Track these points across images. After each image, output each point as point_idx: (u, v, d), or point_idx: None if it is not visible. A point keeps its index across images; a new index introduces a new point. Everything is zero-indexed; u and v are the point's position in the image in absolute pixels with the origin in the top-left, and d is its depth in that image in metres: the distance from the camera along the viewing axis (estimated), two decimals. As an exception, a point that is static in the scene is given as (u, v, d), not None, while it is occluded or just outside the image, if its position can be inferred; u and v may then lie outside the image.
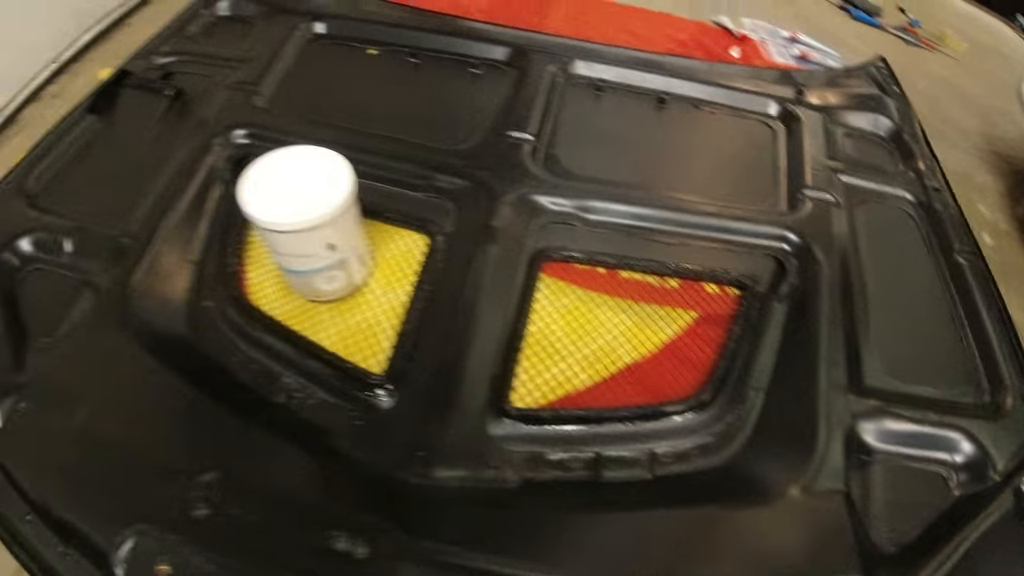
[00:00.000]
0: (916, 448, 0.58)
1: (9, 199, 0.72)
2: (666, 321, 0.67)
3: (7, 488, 0.50)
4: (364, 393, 0.58)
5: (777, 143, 0.90)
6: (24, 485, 0.50)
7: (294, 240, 0.55)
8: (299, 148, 0.59)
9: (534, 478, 0.55)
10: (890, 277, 0.74)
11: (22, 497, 0.50)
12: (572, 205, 0.73)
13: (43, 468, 0.51)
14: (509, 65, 0.94)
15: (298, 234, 0.54)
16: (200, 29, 0.98)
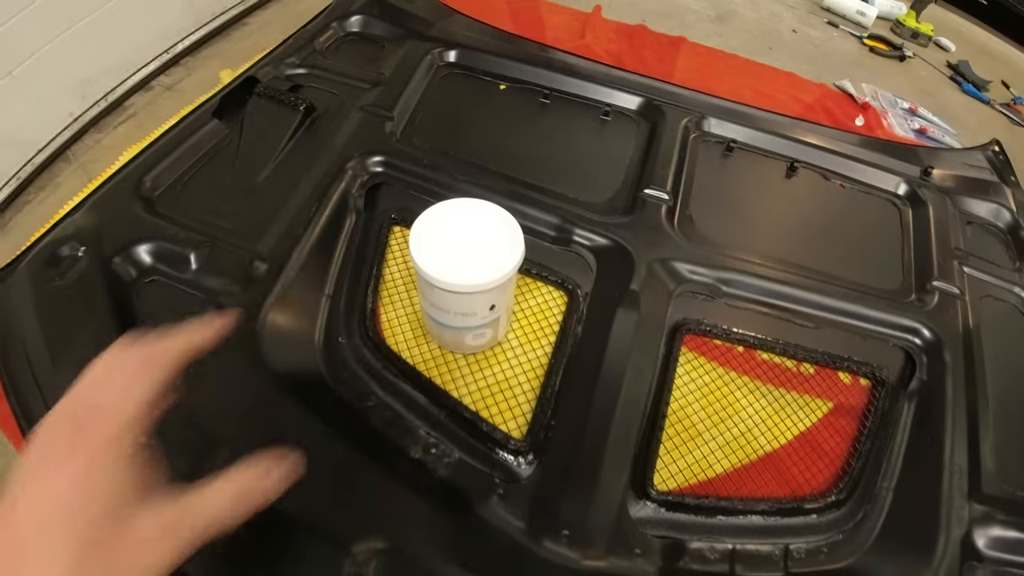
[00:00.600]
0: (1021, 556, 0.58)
1: (125, 200, 0.71)
2: (804, 410, 0.65)
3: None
4: (505, 459, 0.57)
5: (904, 225, 0.88)
6: None
7: (461, 300, 0.54)
8: (470, 201, 0.58)
9: (673, 568, 0.54)
10: (1007, 379, 0.72)
11: None
12: (711, 276, 0.71)
13: None
14: (641, 115, 0.93)
15: (469, 295, 0.53)
16: (329, 43, 0.98)
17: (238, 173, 0.77)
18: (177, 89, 1.13)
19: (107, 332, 0.60)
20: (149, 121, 1.08)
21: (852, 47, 1.40)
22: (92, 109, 1.12)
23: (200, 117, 0.82)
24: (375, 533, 0.48)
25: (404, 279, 0.68)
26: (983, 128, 1.26)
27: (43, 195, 1.02)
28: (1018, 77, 1.50)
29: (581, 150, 0.86)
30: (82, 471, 0.28)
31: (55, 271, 0.65)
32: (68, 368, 0.57)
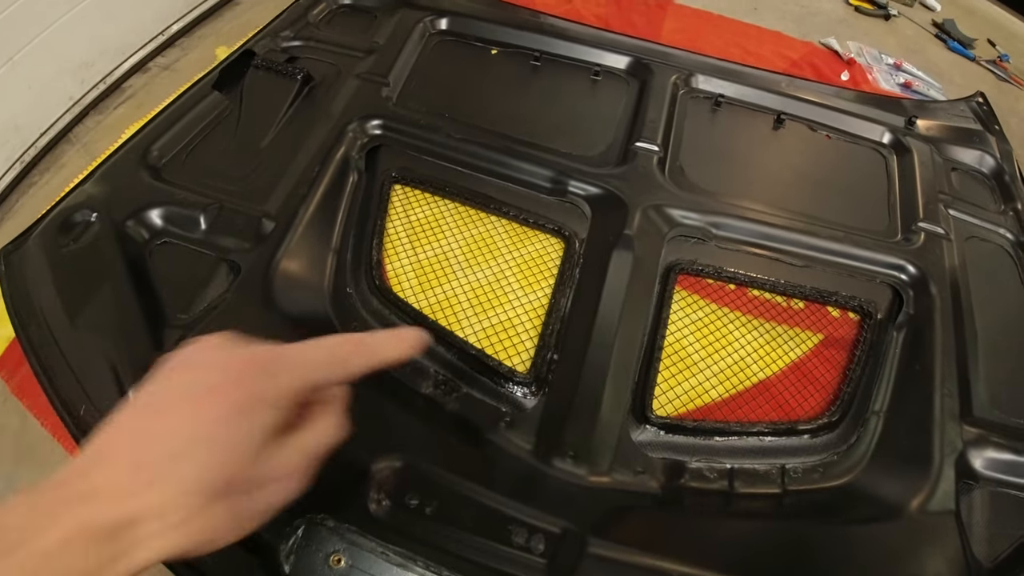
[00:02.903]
0: (1017, 477, 0.61)
1: (132, 169, 0.74)
2: (795, 342, 0.68)
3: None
4: (511, 392, 0.59)
5: (890, 172, 0.90)
6: None
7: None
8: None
9: (674, 485, 0.57)
10: (993, 314, 0.75)
11: None
12: (703, 220, 0.74)
13: None
14: (630, 74, 0.95)
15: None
16: (322, 16, 1.00)
17: (240, 140, 0.79)
18: (174, 69, 1.15)
19: (123, 291, 0.62)
20: (148, 101, 1.10)
21: (837, 7, 1.42)
22: (92, 92, 1.14)
23: (200, 90, 0.84)
24: (392, 454, 0.50)
25: (407, 232, 0.71)
26: (969, 84, 1.28)
27: (48, 176, 1.04)
28: (1004, 35, 1.52)
29: (573, 109, 0.88)
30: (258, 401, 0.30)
31: (69, 236, 0.67)
32: (86, 327, 0.59)
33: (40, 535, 0.24)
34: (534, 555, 0.47)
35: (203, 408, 0.29)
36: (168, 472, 0.27)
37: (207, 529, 0.28)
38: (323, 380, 0.33)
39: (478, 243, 0.70)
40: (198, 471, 0.27)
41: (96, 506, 0.25)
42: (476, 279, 0.67)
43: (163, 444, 0.28)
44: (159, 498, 0.26)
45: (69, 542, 0.24)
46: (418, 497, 0.49)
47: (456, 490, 0.50)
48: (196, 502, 0.27)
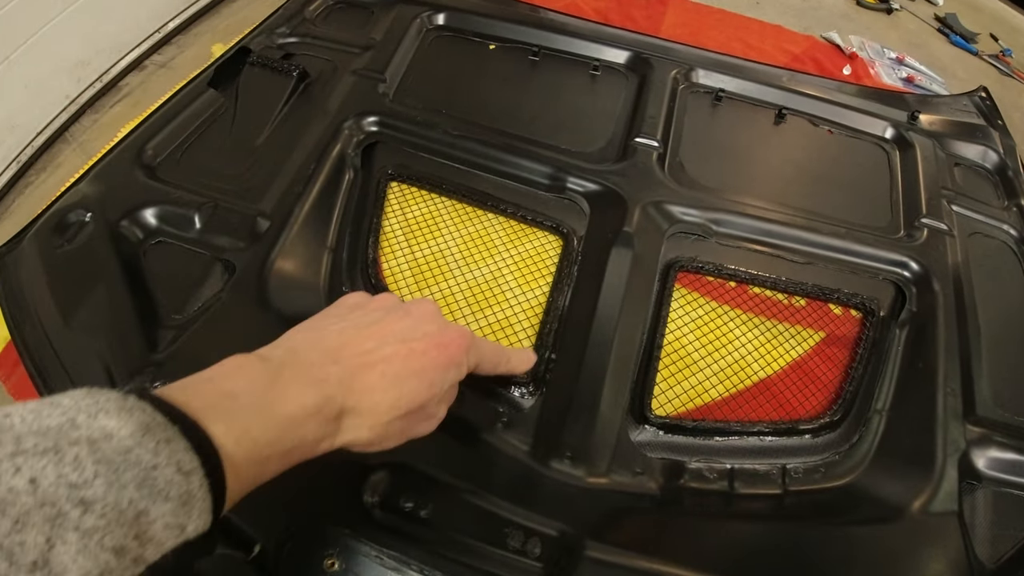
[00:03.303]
0: (1021, 477, 0.60)
1: (126, 168, 0.73)
2: (796, 340, 0.67)
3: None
4: (508, 392, 0.59)
5: (892, 167, 0.89)
6: None
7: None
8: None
9: (674, 486, 0.56)
10: (997, 311, 0.74)
11: None
12: (703, 216, 0.73)
13: None
14: (630, 69, 0.94)
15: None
16: (318, 12, 0.99)
17: (236, 138, 0.79)
18: (170, 67, 1.14)
19: (117, 292, 0.62)
20: (144, 99, 1.09)
21: (839, 0, 1.41)
22: (88, 90, 1.13)
23: (195, 88, 0.84)
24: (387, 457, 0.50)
25: (403, 230, 0.70)
26: (972, 79, 1.28)
27: (44, 176, 1.04)
28: (1007, 30, 1.51)
29: (572, 104, 0.87)
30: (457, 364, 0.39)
31: (63, 237, 0.67)
32: (80, 328, 0.59)
33: (283, 404, 0.29)
34: (530, 559, 0.46)
35: (428, 353, 0.36)
36: (385, 386, 0.34)
37: (383, 436, 0.36)
38: (485, 369, 0.44)
39: (475, 241, 0.70)
40: (404, 395, 0.35)
41: (330, 392, 0.32)
42: (473, 277, 0.67)
43: (388, 364, 0.35)
44: (371, 403, 0.34)
45: (308, 416, 0.30)
46: (413, 500, 0.48)
47: (451, 492, 0.49)
48: (390, 416, 0.35)
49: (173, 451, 0.23)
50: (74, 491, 0.20)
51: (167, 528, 0.22)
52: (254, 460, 0.27)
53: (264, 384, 0.30)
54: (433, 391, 0.37)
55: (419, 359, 0.36)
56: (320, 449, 0.32)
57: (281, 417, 0.29)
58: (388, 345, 0.35)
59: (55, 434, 0.21)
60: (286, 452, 0.30)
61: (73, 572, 0.19)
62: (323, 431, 0.31)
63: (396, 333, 0.36)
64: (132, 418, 0.23)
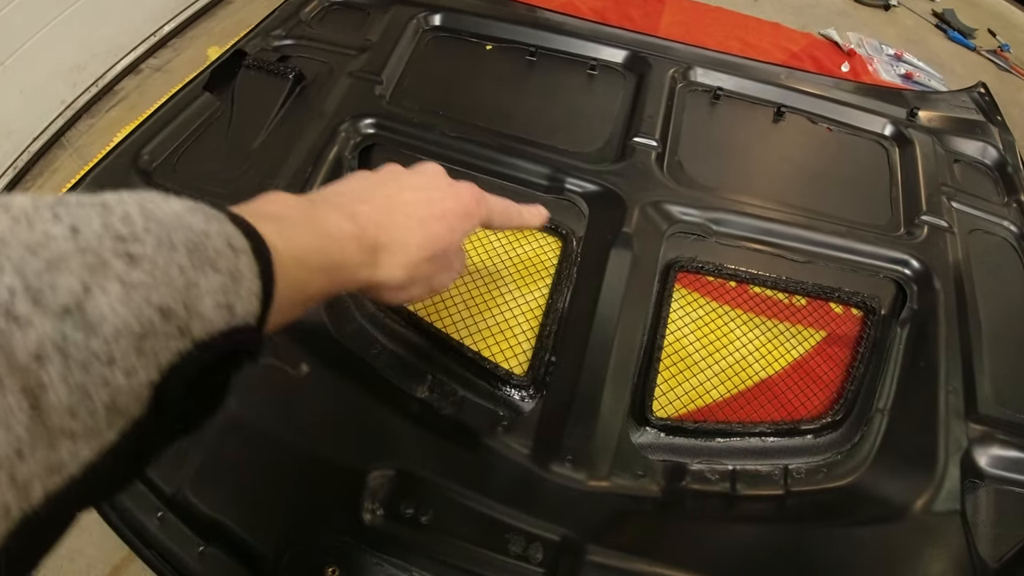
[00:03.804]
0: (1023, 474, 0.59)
1: (123, 173, 0.73)
2: (797, 339, 0.67)
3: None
4: (508, 395, 0.58)
5: (892, 164, 0.89)
6: (155, 479, 0.49)
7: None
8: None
9: (676, 488, 0.56)
10: (998, 308, 0.74)
11: (152, 491, 0.48)
12: (702, 216, 0.73)
13: (179, 459, 0.50)
14: (628, 68, 0.94)
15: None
16: (313, 14, 0.99)
17: (232, 142, 0.78)
18: (166, 70, 1.14)
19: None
20: (140, 103, 1.09)
21: (836, -2, 1.41)
22: (84, 95, 1.13)
23: (191, 91, 0.83)
24: (386, 462, 0.50)
25: (401, 233, 0.70)
26: (970, 74, 1.27)
27: (41, 181, 1.03)
28: (1004, 25, 1.51)
29: (570, 104, 0.87)
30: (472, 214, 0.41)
31: (59, 243, 0.66)
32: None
33: (324, 223, 0.31)
34: (532, 564, 0.46)
35: (446, 201, 0.39)
36: (412, 227, 0.36)
37: (413, 278, 0.37)
38: (497, 223, 0.45)
39: (473, 243, 0.69)
40: (430, 235, 0.37)
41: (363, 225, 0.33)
42: (472, 280, 0.66)
43: (412, 208, 0.37)
44: (402, 241, 0.35)
45: (347, 238, 0.32)
46: (413, 506, 0.48)
47: (452, 498, 0.49)
48: (420, 255, 0.36)
49: (224, 227, 0.22)
50: (120, 244, 0.19)
51: (216, 306, 0.21)
52: (301, 263, 0.27)
53: (304, 209, 0.31)
54: (454, 236, 0.39)
55: (439, 204, 0.38)
56: (361, 276, 0.33)
57: (324, 231, 0.30)
58: (407, 192, 0.38)
59: (102, 198, 0.20)
60: (330, 267, 0.30)
61: (111, 322, 0.17)
62: (361, 258, 0.33)
63: (412, 184, 0.39)
64: (183, 203, 0.22)
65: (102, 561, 0.70)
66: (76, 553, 0.71)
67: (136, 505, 0.48)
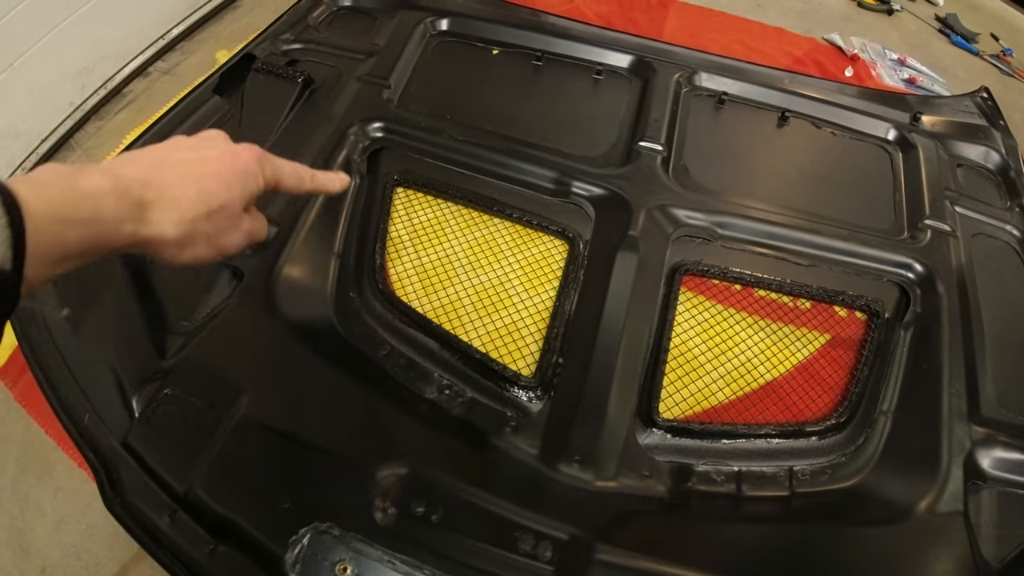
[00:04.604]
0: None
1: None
2: (802, 342, 0.67)
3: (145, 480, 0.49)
4: (516, 396, 0.59)
5: (895, 169, 0.89)
6: (166, 477, 0.49)
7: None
8: None
9: (682, 488, 0.56)
10: (1001, 312, 0.74)
11: (163, 490, 0.49)
12: (707, 220, 0.73)
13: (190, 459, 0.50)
14: (633, 73, 0.94)
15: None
16: (322, 18, 0.99)
17: (242, 144, 0.79)
18: (174, 73, 1.14)
19: (126, 299, 0.62)
20: (149, 105, 1.10)
21: (840, 2, 1.42)
22: (92, 97, 1.14)
23: (201, 94, 0.84)
24: (397, 461, 0.50)
25: (410, 235, 0.71)
26: (973, 79, 1.28)
27: (50, 182, 1.04)
28: (1007, 29, 1.52)
29: (575, 108, 0.88)
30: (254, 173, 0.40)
31: (71, 244, 0.66)
32: (88, 335, 0.59)
33: (80, 182, 0.31)
34: (541, 562, 0.46)
35: (222, 159, 0.38)
36: (184, 184, 0.36)
37: (191, 235, 0.37)
38: (286, 185, 0.44)
39: (481, 246, 0.70)
40: (203, 191, 0.36)
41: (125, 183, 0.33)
42: (480, 282, 0.67)
43: (183, 167, 0.37)
44: (172, 197, 0.35)
45: (104, 193, 0.32)
46: (423, 504, 0.48)
47: (462, 497, 0.50)
48: (194, 211, 0.36)
49: None
50: None
51: None
52: (54, 217, 0.29)
53: (66, 173, 0.32)
54: (233, 193, 0.38)
55: (212, 163, 0.38)
56: (124, 232, 0.33)
57: (78, 189, 0.31)
58: (180, 152, 0.38)
59: None
60: (87, 220, 0.31)
61: None
62: (121, 213, 0.33)
63: (186, 145, 0.39)
64: None
65: (111, 559, 0.70)
66: (84, 551, 0.71)
67: (147, 504, 0.49)
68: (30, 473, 0.76)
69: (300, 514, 0.48)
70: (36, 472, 0.76)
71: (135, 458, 0.51)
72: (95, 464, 0.51)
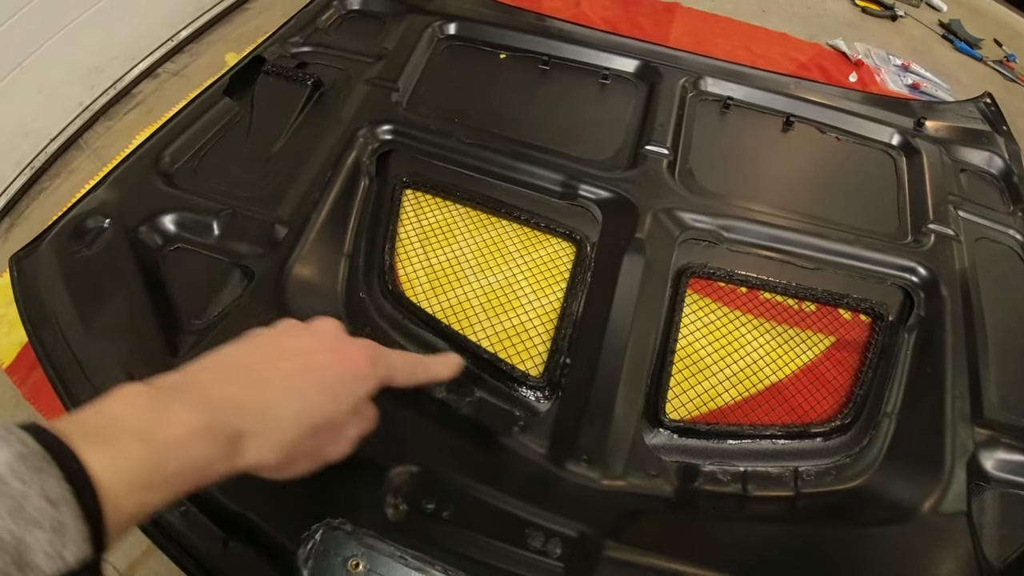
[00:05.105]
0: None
1: (144, 174, 0.74)
2: (806, 344, 0.68)
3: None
4: (524, 396, 0.60)
5: (899, 173, 0.90)
6: None
7: None
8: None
9: (688, 488, 0.57)
10: (1004, 315, 0.75)
11: None
12: (713, 223, 0.74)
13: None
14: (639, 78, 0.95)
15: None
16: (331, 21, 1.00)
17: (252, 146, 0.80)
18: (183, 75, 1.15)
19: (137, 296, 0.62)
20: (158, 106, 1.11)
21: (844, 8, 1.42)
22: (101, 97, 1.15)
23: (211, 96, 0.85)
24: (407, 459, 0.51)
25: (419, 237, 0.71)
26: (976, 84, 1.29)
27: (58, 182, 1.05)
28: (1010, 35, 1.52)
29: (582, 113, 0.89)
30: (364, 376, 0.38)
31: (81, 243, 0.68)
32: (100, 333, 0.60)
33: (167, 427, 0.28)
34: (551, 559, 0.47)
35: (332, 365, 0.35)
36: (286, 401, 0.33)
37: (291, 458, 0.34)
38: (399, 382, 0.41)
39: (489, 247, 0.71)
40: (308, 409, 0.33)
41: (219, 413, 0.30)
42: (488, 283, 0.68)
43: (289, 379, 0.33)
44: (273, 420, 0.32)
45: (195, 437, 0.29)
46: (435, 501, 0.49)
47: (472, 494, 0.50)
48: (295, 433, 0.33)
49: (44, 480, 0.23)
50: None
51: (47, 557, 0.23)
52: (136, 486, 0.27)
53: (149, 408, 0.29)
54: (340, 405, 0.35)
55: (321, 371, 0.35)
56: (215, 472, 0.30)
57: (164, 440, 0.28)
58: (286, 360, 0.34)
59: None
60: (172, 476, 0.28)
61: None
62: (214, 453, 0.30)
63: (295, 349, 0.35)
64: (9, 448, 0.23)
65: (121, 553, 0.71)
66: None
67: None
68: (39, 470, 0.76)
69: (312, 510, 0.48)
70: (45, 469, 0.76)
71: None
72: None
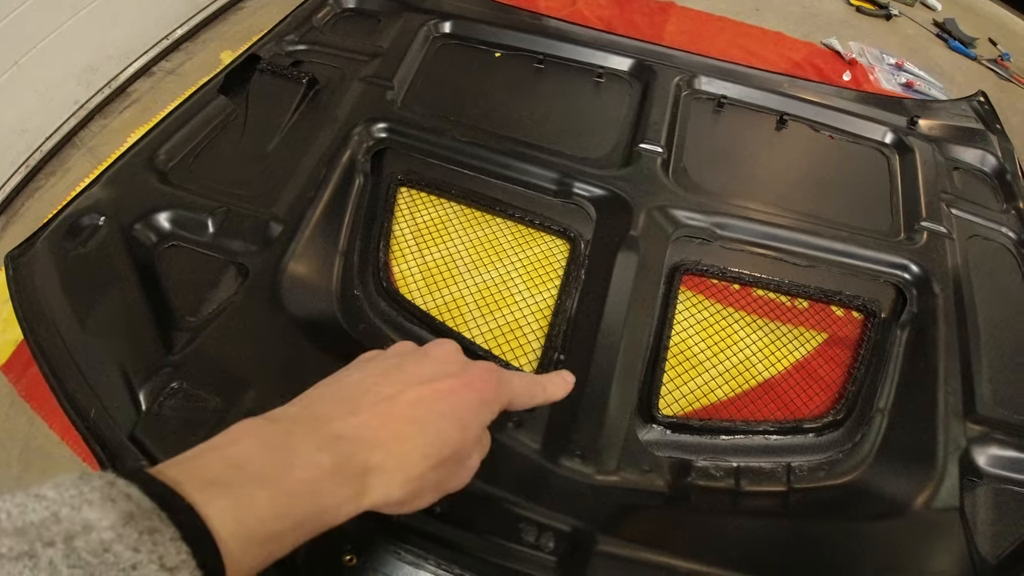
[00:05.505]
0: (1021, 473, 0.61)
1: (139, 172, 0.74)
2: (799, 341, 0.68)
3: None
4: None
5: (892, 171, 0.91)
6: None
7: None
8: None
9: (681, 483, 0.57)
10: (996, 312, 0.76)
11: None
12: (707, 220, 0.74)
13: None
14: (634, 76, 0.95)
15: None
16: (326, 20, 1.00)
17: (247, 144, 0.80)
18: (179, 73, 1.15)
19: (132, 294, 0.63)
20: (153, 105, 1.11)
21: (838, 7, 1.43)
22: (97, 96, 1.15)
23: (206, 94, 0.85)
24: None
25: (413, 234, 0.72)
26: (971, 83, 1.29)
27: (53, 180, 1.05)
28: (1004, 34, 1.53)
29: (577, 111, 0.89)
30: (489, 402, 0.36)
31: (76, 240, 0.68)
32: (95, 330, 0.60)
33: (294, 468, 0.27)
34: (544, 553, 0.47)
35: (457, 392, 0.34)
36: (414, 433, 0.31)
37: (417, 492, 0.32)
38: (519, 404, 0.40)
39: (484, 245, 0.71)
40: (435, 441, 0.32)
41: (349, 449, 0.29)
42: (483, 280, 0.68)
43: (414, 409, 0.32)
44: (400, 454, 0.30)
45: (325, 478, 0.27)
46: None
47: (466, 489, 0.50)
48: (423, 466, 0.31)
49: (156, 543, 0.21)
50: None
51: None
52: (261, 538, 0.25)
53: (273, 447, 0.27)
54: (467, 433, 0.33)
55: (447, 400, 0.33)
56: (342, 514, 0.29)
57: (292, 484, 0.26)
58: (411, 388, 0.33)
59: (34, 533, 0.20)
60: (300, 523, 0.26)
61: None
62: (344, 493, 0.28)
63: (418, 375, 0.34)
64: (115, 508, 0.21)
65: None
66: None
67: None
68: (34, 468, 0.77)
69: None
70: (40, 467, 0.77)
71: (142, 451, 0.51)
72: (102, 457, 0.51)
